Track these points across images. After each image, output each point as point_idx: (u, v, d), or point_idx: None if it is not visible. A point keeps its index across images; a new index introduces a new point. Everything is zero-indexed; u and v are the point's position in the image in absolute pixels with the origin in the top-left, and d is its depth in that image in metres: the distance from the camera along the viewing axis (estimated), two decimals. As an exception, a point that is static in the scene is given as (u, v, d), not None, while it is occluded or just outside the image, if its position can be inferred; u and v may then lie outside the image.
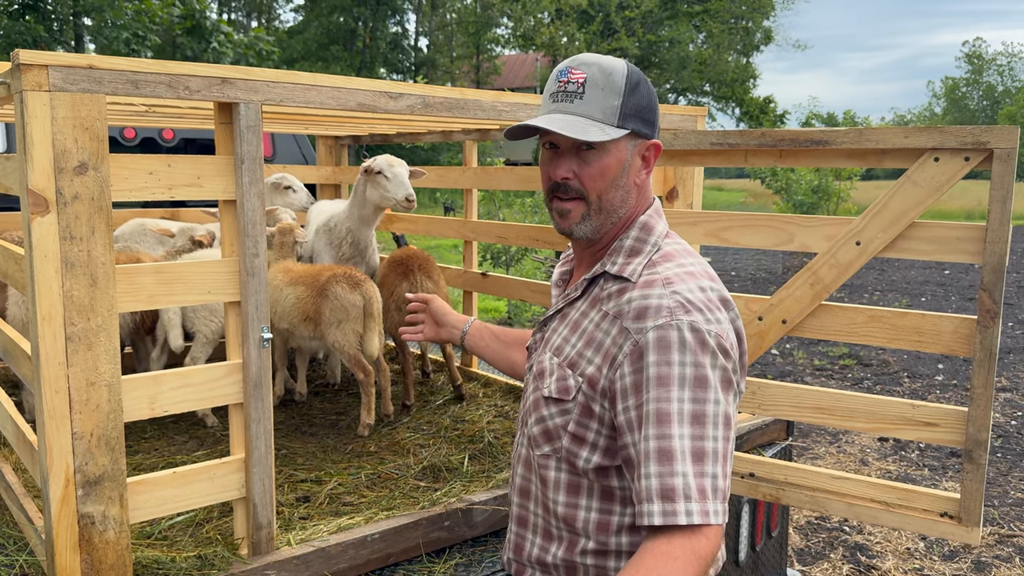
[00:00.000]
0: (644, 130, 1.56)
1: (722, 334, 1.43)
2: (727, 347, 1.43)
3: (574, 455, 1.54)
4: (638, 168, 1.58)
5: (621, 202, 1.57)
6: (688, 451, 1.34)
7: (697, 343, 1.39)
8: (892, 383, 8.30)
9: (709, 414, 1.37)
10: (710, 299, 1.47)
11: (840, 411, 2.51)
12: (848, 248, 2.42)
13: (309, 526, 2.56)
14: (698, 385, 1.37)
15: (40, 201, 1.87)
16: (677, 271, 1.50)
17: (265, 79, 2.19)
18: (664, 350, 1.39)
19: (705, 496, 1.33)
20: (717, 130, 2.63)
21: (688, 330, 1.39)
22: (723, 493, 1.36)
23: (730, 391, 1.43)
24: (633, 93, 1.53)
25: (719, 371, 1.40)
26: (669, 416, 1.36)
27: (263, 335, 2.26)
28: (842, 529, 5.22)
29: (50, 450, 1.95)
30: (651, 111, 1.57)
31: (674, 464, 1.33)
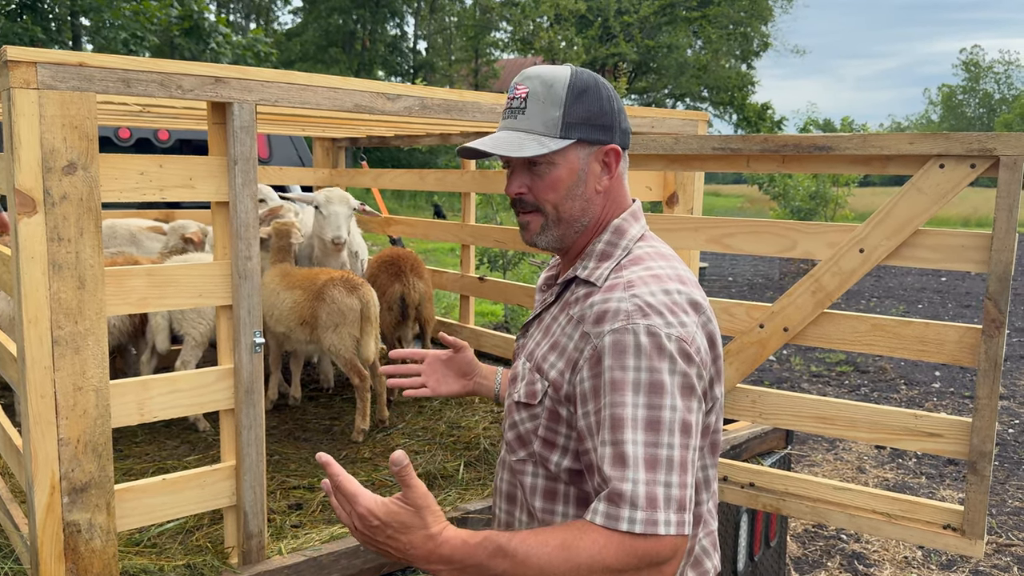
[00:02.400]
0: (595, 136, 1.53)
1: (685, 338, 1.38)
2: (689, 352, 1.38)
3: (546, 459, 1.52)
4: (597, 175, 1.55)
5: (581, 211, 1.56)
6: (641, 458, 1.30)
7: (653, 347, 1.35)
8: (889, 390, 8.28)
9: (664, 420, 1.32)
10: (675, 302, 1.42)
11: (842, 421, 2.47)
12: (851, 256, 2.39)
13: (301, 534, 2.52)
14: (653, 391, 1.33)
15: (27, 201, 1.83)
16: (642, 274, 1.46)
17: (260, 79, 2.15)
18: (619, 354, 1.36)
19: (655, 505, 1.28)
20: (719, 135, 2.59)
21: (644, 334, 1.36)
22: (679, 502, 1.30)
23: (692, 397, 1.37)
24: (578, 101, 1.51)
25: (678, 376, 1.35)
26: (623, 421, 1.32)
27: (255, 340, 2.22)
28: (839, 537, 5.19)
29: (35, 456, 1.90)
30: (605, 116, 1.53)
31: (625, 470, 1.30)
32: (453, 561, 1.31)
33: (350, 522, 1.35)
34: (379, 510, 1.32)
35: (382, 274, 3.94)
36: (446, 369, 1.99)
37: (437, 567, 1.33)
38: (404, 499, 1.32)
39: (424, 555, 1.31)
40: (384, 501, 1.33)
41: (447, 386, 1.98)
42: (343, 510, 1.36)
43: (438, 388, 1.97)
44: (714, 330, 1.49)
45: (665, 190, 3.10)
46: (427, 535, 1.31)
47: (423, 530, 1.31)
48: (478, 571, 1.31)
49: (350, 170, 5.49)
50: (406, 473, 1.31)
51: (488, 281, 4.43)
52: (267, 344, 3.92)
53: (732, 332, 2.65)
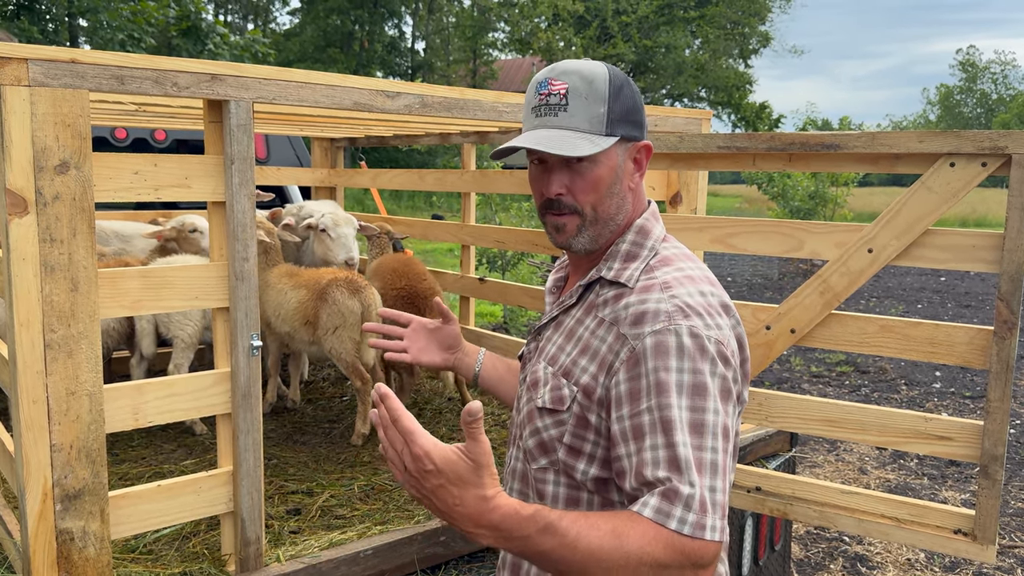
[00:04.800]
0: (633, 133, 1.51)
1: (723, 340, 1.36)
2: (727, 354, 1.36)
3: (571, 467, 1.46)
4: (631, 172, 1.53)
5: (617, 210, 1.52)
6: (694, 460, 1.28)
7: (696, 349, 1.32)
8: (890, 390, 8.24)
9: (708, 424, 1.30)
10: (710, 304, 1.39)
11: (850, 424, 2.43)
12: (860, 256, 2.35)
13: (300, 541, 2.47)
14: (696, 393, 1.30)
15: (18, 201, 1.78)
16: (676, 275, 1.43)
17: (257, 76, 2.11)
18: (662, 355, 1.32)
19: (705, 509, 1.26)
20: (724, 133, 2.55)
21: (687, 335, 1.33)
22: (722, 508, 1.28)
23: (729, 401, 1.35)
24: (618, 97, 1.48)
25: (719, 379, 1.33)
26: (672, 423, 1.29)
27: (252, 343, 2.17)
28: (842, 539, 5.15)
29: (27, 463, 1.86)
30: (637, 112, 1.52)
31: (683, 472, 1.27)
32: (501, 529, 1.22)
33: (400, 462, 1.23)
34: (437, 454, 1.20)
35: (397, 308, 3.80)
36: (430, 338, 1.90)
37: (482, 531, 1.23)
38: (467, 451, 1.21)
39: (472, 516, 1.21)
40: (445, 447, 1.21)
41: (428, 355, 1.89)
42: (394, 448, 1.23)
43: (419, 356, 1.88)
44: (742, 332, 1.46)
45: (668, 189, 3.05)
46: (481, 495, 1.21)
47: (478, 489, 1.21)
48: (523, 543, 1.24)
49: (348, 170, 5.45)
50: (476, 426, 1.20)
51: (488, 282, 4.38)
52: (268, 346, 3.88)
53: (738, 334, 2.60)
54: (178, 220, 3.75)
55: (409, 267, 3.93)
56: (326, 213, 3.90)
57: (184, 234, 3.70)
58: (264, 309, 3.61)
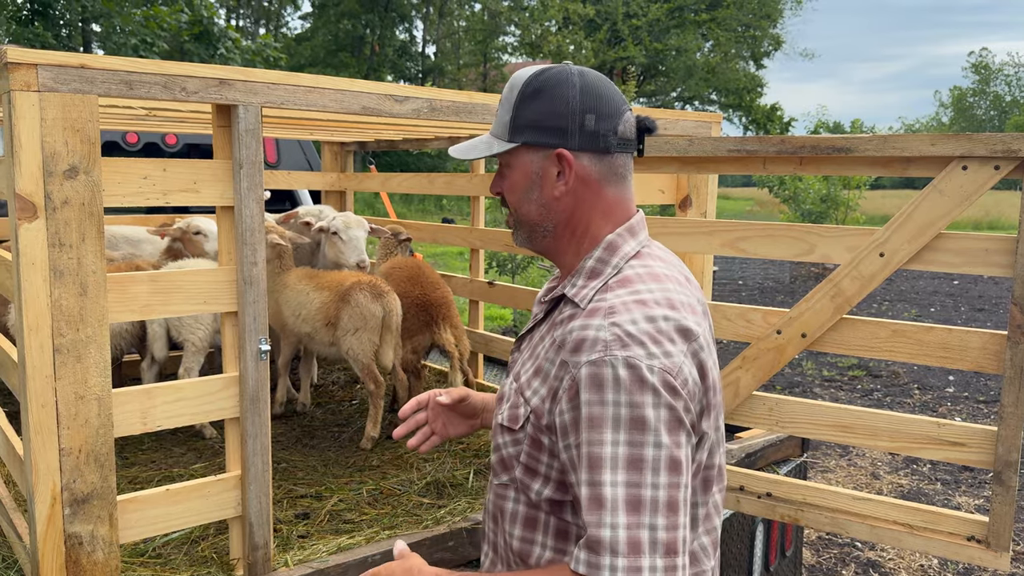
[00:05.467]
0: (543, 140, 1.43)
1: (669, 369, 1.27)
2: (674, 384, 1.27)
3: (527, 486, 1.44)
4: (553, 180, 1.44)
5: (539, 216, 1.47)
6: (622, 500, 1.22)
7: (633, 380, 1.25)
8: (902, 395, 8.19)
9: (648, 459, 1.23)
10: (660, 330, 1.30)
11: (862, 429, 2.40)
12: (872, 260, 2.33)
13: (308, 545, 2.47)
14: (634, 427, 1.23)
15: (28, 206, 1.79)
16: (627, 299, 1.35)
17: (265, 81, 2.11)
18: (597, 388, 1.26)
19: (639, 551, 1.20)
20: (734, 136, 2.53)
21: (623, 367, 1.25)
22: (666, 546, 1.21)
23: (679, 431, 1.26)
24: (529, 103, 1.43)
25: (664, 410, 1.25)
26: (601, 461, 1.24)
27: (260, 347, 2.17)
28: (854, 545, 5.11)
29: (36, 467, 1.86)
30: (557, 118, 1.42)
31: (603, 514, 1.22)
32: None
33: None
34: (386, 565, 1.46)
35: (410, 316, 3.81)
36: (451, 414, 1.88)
37: None
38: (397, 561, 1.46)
39: None
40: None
41: (455, 428, 1.88)
42: None
43: (446, 432, 1.87)
44: (706, 359, 1.35)
45: (678, 193, 3.04)
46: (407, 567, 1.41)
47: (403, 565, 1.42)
48: None
49: (359, 174, 5.45)
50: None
51: (497, 285, 4.38)
52: (281, 347, 3.88)
53: (749, 338, 2.59)
54: (185, 222, 3.77)
55: (423, 274, 3.92)
56: (337, 216, 3.91)
57: (188, 236, 3.71)
58: (282, 311, 3.62)
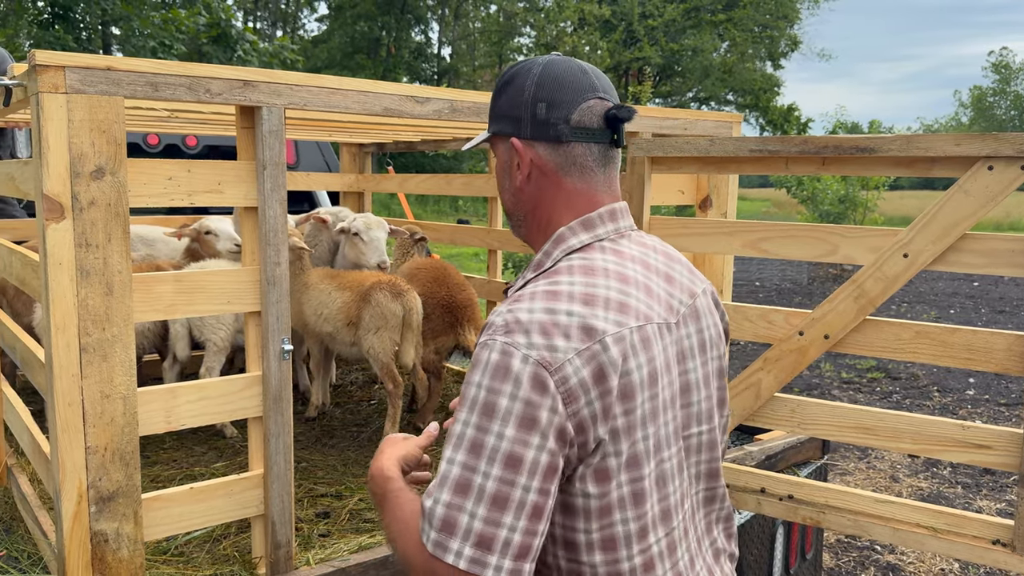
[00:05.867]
0: (505, 129, 1.44)
1: (548, 362, 1.22)
2: (546, 380, 1.21)
3: None
4: (515, 169, 1.45)
5: (512, 205, 1.49)
6: (452, 478, 1.20)
7: (499, 367, 1.22)
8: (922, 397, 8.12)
9: (487, 446, 1.20)
10: (556, 323, 1.25)
11: (885, 431, 2.39)
12: (895, 260, 2.31)
13: (329, 544, 2.48)
14: (484, 412, 1.21)
15: (55, 207, 1.81)
16: (541, 289, 1.31)
17: (289, 82, 2.12)
18: (473, 368, 1.27)
19: (451, 530, 1.18)
20: (756, 136, 2.52)
21: (497, 352, 1.24)
22: (479, 537, 1.18)
23: (532, 431, 1.20)
24: (501, 94, 1.46)
25: (519, 403, 1.20)
26: (449, 437, 1.24)
27: (283, 347, 2.18)
28: (874, 548, 5.07)
29: (63, 465, 1.88)
30: (514, 107, 1.42)
31: (433, 487, 1.22)
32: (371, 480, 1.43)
33: None
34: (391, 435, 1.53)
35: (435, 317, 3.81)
36: None
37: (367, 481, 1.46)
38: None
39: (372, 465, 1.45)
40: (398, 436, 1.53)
41: None
42: None
43: None
44: (606, 363, 1.25)
45: (698, 194, 3.03)
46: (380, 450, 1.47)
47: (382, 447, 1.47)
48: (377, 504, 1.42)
49: (377, 175, 5.47)
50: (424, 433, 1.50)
51: (515, 286, 4.38)
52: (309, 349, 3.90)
53: (770, 339, 2.57)
54: (198, 223, 3.80)
55: (448, 275, 3.93)
56: (358, 217, 3.93)
57: (200, 236, 3.74)
58: (303, 311, 3.64)
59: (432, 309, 3.74)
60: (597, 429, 1.25)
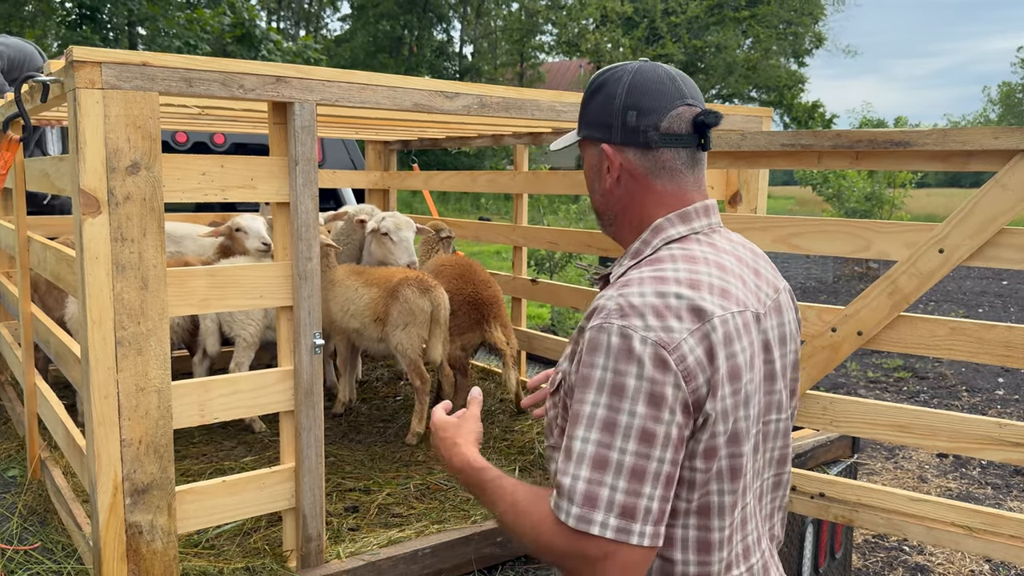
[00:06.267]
0: (595, 135, 1.54)
1: (665, 343, 1.29)
2: (667, 359, 1.29)
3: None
4: (605, 172, 1.54)
5: (601, 205, 1.58)
6: (588, 456, 1.29)
7: (622, 349, 1.30)
8: (950, 397, 8.02)
9: (621, 424, 1.28)
10: (668, 305, 1.33)
11: (920, 429, 2.36)
12: (930, 256, 2.28)
13: (359, 538, 2.49)
14: (614, 392, 1.30)
15: (91, 201, 1.83)
16: (647, 275, 1.39)
17: (320, 78, 2.13)
18: (591, 352, 1.34)
19: (594, 504, 1.26)
20: (788, 131, 2.50)
21: (616, 334, 1.31)
22: (623, 508, 1.26)
23: (661, 407, 1.28)
24: (590, 100, 1.55)
25: (646, 382, 1.28)
26: (579, 418, 1.32)
27: (315, 341, 2.19)
28: (902, 549, 5.02)
29: (98, 457, 1.90)
30: (605, 114, 1.51)
31: (568, 464, 1.30)
32: (461, 473, 1.51)
33: None
34: (437, 418, 1.64)
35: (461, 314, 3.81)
36: None
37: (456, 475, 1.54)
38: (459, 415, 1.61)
39: (446, 458, 1.55)
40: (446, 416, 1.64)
41: None
42: None
43: None
44: (717, 342, 1.33)
45: (728, 189, 3.01)
46: (453, 441, 1.55)
47: (454, 436, 1.55)
48: (474, 493, 1.49)
49: (402, 172, 5.49)
50: (472, 403, 1.66)
51: (540, 283, 4.37)
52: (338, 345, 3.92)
53: (803, 336, 2.55)
54: (231, 220, 3.83)
55: (474, 272, 3.93)
56: (387, 216, 3.95)
57: (232, 232, 3.77)
58: (330, 307, 3.65)
59: (458, 306, 3.74)
60: (708, 407, 1.33)
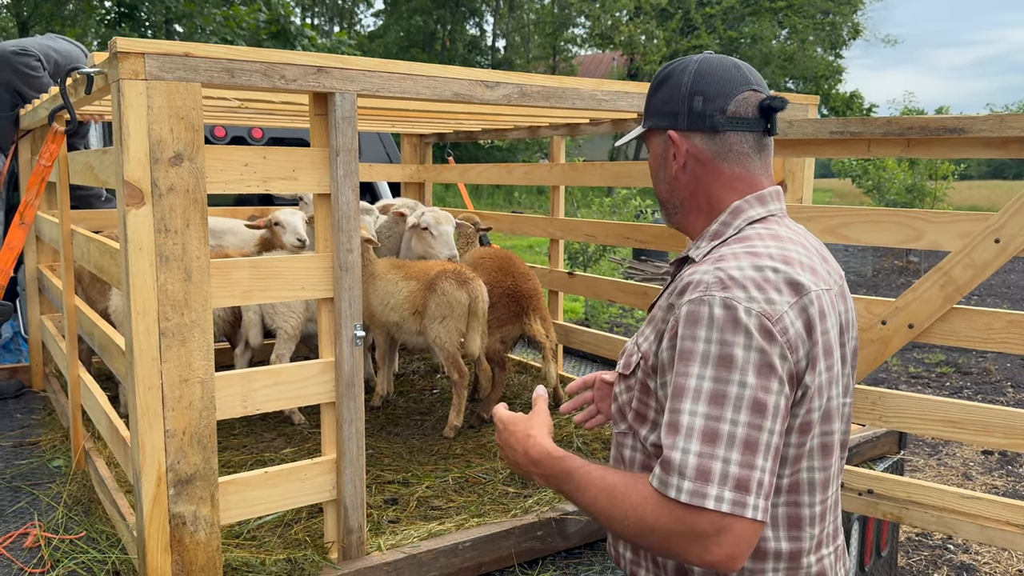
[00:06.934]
0: (661, 123, 1.56)
1: (769, 314, 1.30)
2: (772, 329, 1.29)
3: (638, 433, 1.52)
4: (671, 159, 1.56)
5: (668, 193, 1.60)
6: (698, 429, 1.26)
7: (727, 320, 1.29)
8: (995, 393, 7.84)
9: (731, 395, 1.27)
10: (766, 279, 1.34)
11: (973, 425, 2.29)
12: (986, 246, 2.21)
13: (399, 531, 2.48)
14: (721, 364, 1.28)
15: (135, 193, 1.83)
16: (738, 250, 1.41)
17: (361, 68, 2.11)
18: (692, 324, 1.33)
19: (707, 478, 1.24)
20: (837, 118, 2.44)
21: (719, 306, 1.31)
22: (737, 480, 1.24)
23: (771, 377, 1.28)
24: (656, 91, 1.57)
25: (755, 352, 1.28)
26: (683, 391, 1.30)
27: (356, 333, 2.18)
28: (946, 547, 4.91)
29: (143, 448, 1.90)
30: (671, 102, 1.54)
31: (676, 438, 1.27)
32: (539, 466, 1.47)
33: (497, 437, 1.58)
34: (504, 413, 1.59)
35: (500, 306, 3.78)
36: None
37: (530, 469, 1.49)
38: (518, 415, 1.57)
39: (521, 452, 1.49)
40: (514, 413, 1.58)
41: None
42: None
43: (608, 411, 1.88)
44: (815, 315, 1.35)
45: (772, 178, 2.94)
46: (526, 432, 1.50)
47: (526, 428, 1.51)
48: (555, 483, 1.45)
49: (437, 166, 5.48)
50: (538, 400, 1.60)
51: (577, 276, 4.34)
52: (377, 338, 3.93)
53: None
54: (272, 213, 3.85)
55: (513, 265, 3.91)
56: (426, 211, 3.96)
57: (271, 227, 3.79)
58: (369, 301, 3.66)
59: (497, 298, 3.72)
60: (807, 380, 1.34)
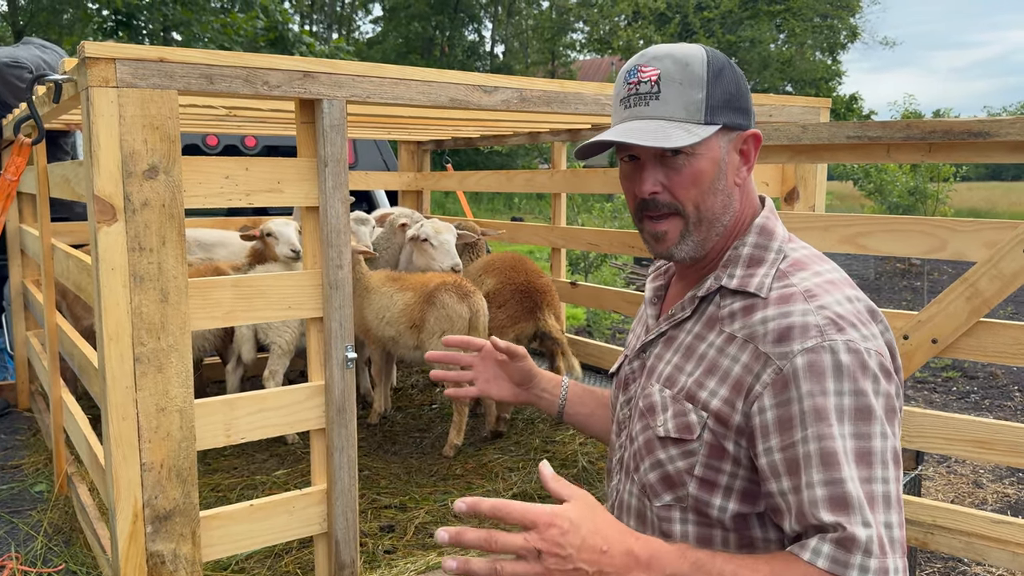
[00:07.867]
0: (737, 120, 1.32)
1: (882, 352, 1.20)
2: (889, 368, 1.19)
3: (704, 503, 1.28)
4: (736, 166, 1.34)
5: (723, 209, 1.33)
6: (865, 497, 1.12)
7: (856, 366, 1.15)
8: (1002, 397, 7.72)
9: (876, 451, 1.14)
10: (859, 312, 1.22)
11: (1003, 445, 2.15)
12: (1015, 256, 2.08)
13: (395, 563, 2.35)
14: (860, 418, 1.14)
15: (106, 208, 1.70)
16: (817, 281, 1.25)
17: (350, 73, 1.99)
18: (818, 377, 1.15)
19: (885, 551, 1.11)
20: (854, 122, 2.31)
21: (844, 351, 1.16)
22: (902, 546, 1.14)
23: (895, 421, 1.19)
24: (719, 80, 1.30)
25: (883, 398, 1.16)
26: (836, 456, 1.13)
27: (347, 355, 2.05)
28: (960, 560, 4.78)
29: (117, 482, 1.77)
30: (742, 97, 1.34)
31: (852, 513, 1.11)
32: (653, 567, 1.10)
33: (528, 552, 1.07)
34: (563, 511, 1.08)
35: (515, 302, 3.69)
36: (499, 370, 1.67)
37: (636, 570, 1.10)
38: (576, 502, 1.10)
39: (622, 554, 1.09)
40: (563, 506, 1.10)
41: (497, 389, 1.66)
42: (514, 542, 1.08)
43: (487, 389, 1.66)
44: (892, 339, 1.28)
45: (784, 185, 2.82)
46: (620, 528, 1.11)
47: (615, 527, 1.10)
48: None
49: (436, 173, 5.36)
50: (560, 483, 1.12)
51: (580, 285, 4.21)
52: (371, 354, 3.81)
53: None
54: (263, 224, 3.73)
55: (524, 263, 3.86)
56: (424, 222, 3.84)
57: (263, 238, 3.67)
58: (364, 315, 3.53)
59: (511, 295, 3.60)
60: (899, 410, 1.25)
